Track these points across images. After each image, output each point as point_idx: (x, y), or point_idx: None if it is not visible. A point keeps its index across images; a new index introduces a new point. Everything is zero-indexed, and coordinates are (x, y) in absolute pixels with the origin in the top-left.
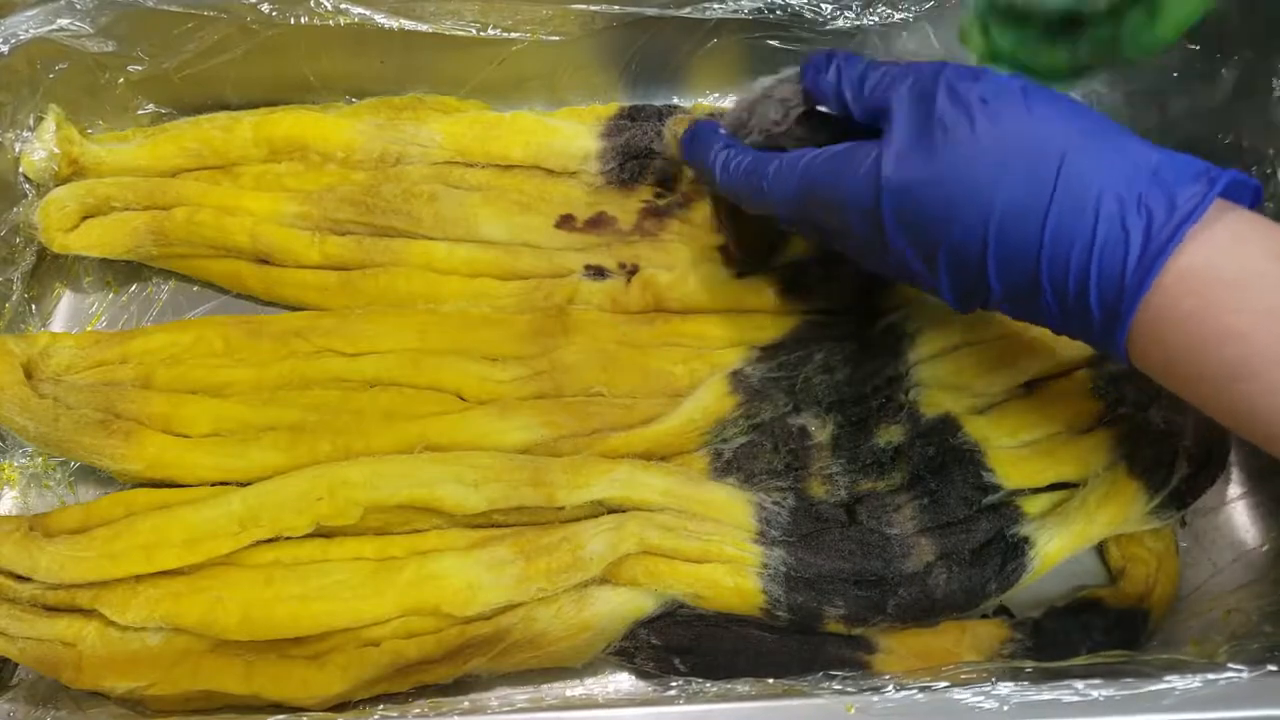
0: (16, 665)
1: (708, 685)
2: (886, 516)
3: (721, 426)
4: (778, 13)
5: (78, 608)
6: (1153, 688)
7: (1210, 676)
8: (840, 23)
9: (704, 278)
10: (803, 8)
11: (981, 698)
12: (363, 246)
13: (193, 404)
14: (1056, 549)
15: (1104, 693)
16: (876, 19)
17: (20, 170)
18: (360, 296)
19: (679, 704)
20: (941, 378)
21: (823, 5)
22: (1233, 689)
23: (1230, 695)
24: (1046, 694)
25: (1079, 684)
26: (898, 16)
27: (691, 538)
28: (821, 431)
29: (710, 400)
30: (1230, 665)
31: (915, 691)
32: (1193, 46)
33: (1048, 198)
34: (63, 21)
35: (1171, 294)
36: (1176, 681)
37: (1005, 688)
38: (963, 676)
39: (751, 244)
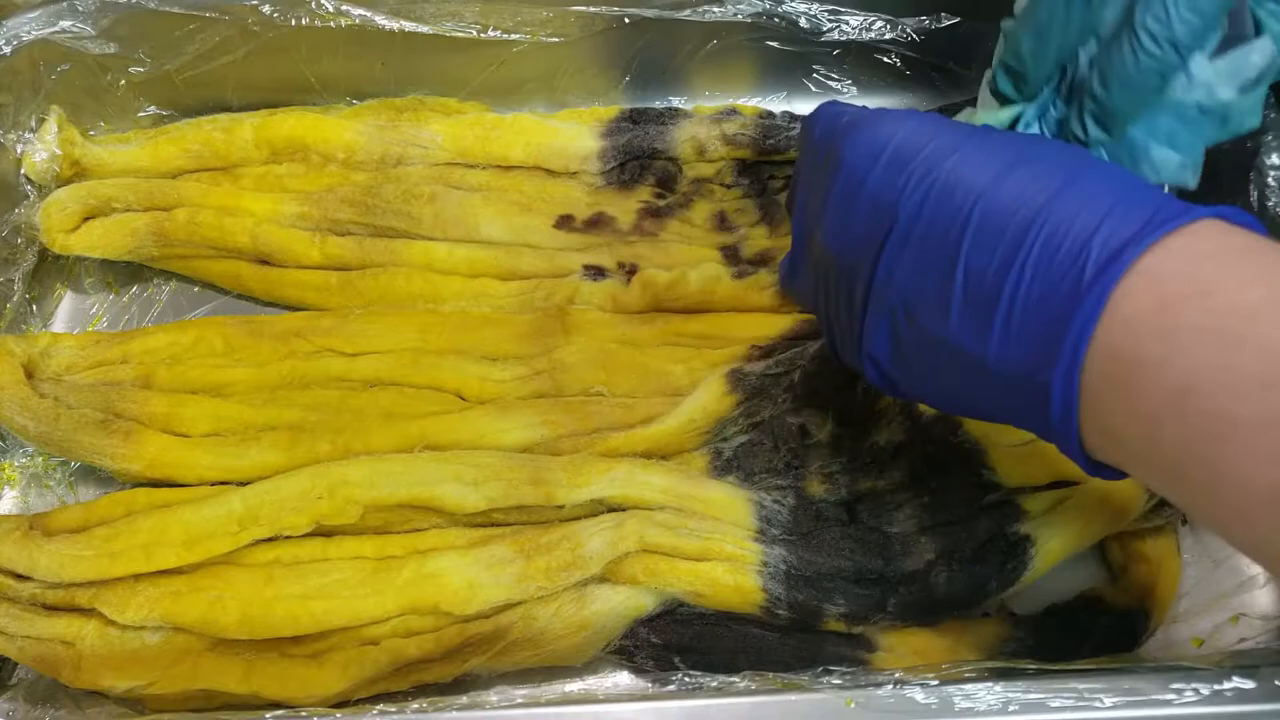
0: (16, 664)
1: (707, 679)
2: (887, 515)
3: (721, 425)
4: (776, 20)
5: (77, 607)
6: (1157, 695)
7: (1216, 686)
8: (836, 34)
9: (704, 278)
10: (800, 16)
11: (982, 695)
12: (363, 247)
13: (193, 404)
14: (1057, 547)
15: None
16: (874, 34)
17: (22, 171)
18: (360, 297)
19: (678, 699)
20: None
21: (820, 16)
22: (1239, 697)
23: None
24: (1047, 693)
25: (1080, 686)
26: (890, 34)
27: (691, 536)
28: (821, 430)
29: (710, 399)
30: (1236, 673)
31: (915, 688)
32: None
33: None
34: (65, 23)
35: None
36: (1181, 687)
37: (1005, 686)
38: (963, 674)
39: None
